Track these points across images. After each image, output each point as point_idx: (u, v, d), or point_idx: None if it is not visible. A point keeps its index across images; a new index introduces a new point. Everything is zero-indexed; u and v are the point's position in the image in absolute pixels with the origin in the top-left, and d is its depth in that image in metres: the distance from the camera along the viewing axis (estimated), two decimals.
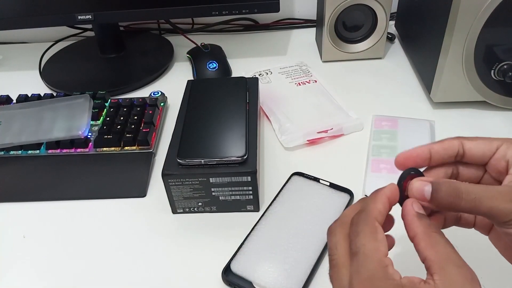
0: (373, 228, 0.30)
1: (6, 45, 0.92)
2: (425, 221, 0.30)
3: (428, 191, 0.30)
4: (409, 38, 0.76)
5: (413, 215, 0.31)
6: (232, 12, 0.71)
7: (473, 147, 0.32)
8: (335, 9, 0.71)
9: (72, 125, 0.61)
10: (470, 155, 0.32)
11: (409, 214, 0.31)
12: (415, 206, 0.31)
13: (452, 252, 0.28)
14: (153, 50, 0.83)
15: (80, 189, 0.56)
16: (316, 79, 0.71)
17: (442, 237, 0.29)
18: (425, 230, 0.29)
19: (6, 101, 0.68)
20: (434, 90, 0.63)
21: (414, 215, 0.30)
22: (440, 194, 0.30)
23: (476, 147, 0.32)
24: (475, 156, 0.32)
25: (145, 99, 0.65)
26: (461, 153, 0.33)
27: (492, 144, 0.32)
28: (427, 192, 0.30)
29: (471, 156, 0.33)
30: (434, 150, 0.33)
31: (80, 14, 0.72)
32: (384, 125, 0.61)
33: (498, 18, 0.54)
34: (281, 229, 0.47)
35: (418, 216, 0.30)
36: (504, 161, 0.31)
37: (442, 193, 0.30)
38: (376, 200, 0.31)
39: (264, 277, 0.43)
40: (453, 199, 0.29)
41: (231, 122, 0.53)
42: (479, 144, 0.32)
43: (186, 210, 0.52)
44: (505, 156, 0.31)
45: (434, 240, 0.29)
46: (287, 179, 0.54)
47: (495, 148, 0.32)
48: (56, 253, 0.49)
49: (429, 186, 0.30)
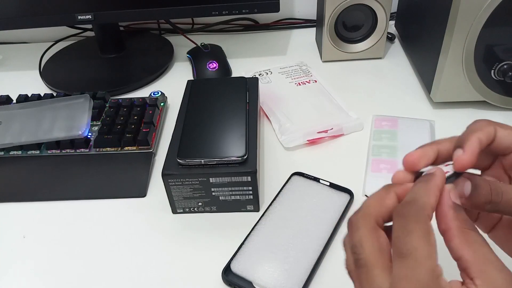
0: (426, 228, 0.26)
1: (6, 45, 0.92)
2: (462, 215, 0.28)
3: (468, 188, 0.28)
4: (409, 38, 0.76)
5: (449, 206, 0.28)
6: (232, 12, 0.71)
7: (504, 137, 0.30)
8: (335, 9, 0.71)
9: (72, 125, 0.61)
10: (498, 143, 0.30)
11: (445, 204, 0.28)
12: (453, 195, 0.28)
13: (491, 253, 0.26)
14: (153, 50, 0.83)
15: (80, 189, 0.56)
16: (316, 79, 0.71)
17: (478, 236, 0.27)
18: (460, 225, 0.27)
19: (6, 101, 0.68)
20: (434, 90, 0.63)
21: (450, 206, 0.28)
22: (481, 192, 0.27)
23: (507, 137, 0.30)
24: (502, 145, 0.30)
25: (145, 99, 0.65)
26: (491, 140, 0.30)
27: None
28: (466, 189, 0.28)
29: (499, 144, 0.30)
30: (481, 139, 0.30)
31: (80, 14, 0.72)
32: (384, 125, 0.61)
33: (498, 18, 0.54)
34: (281, 229, 0.47)
35: (455, 208, 0.28)
36: None
37: (483, 191, 0.27)
38: (429, 193, 0.28)
39: (264, 277, 0.43)
40: (494, 198, 0.27)
41: (231, 122, 0.53)
42: (509, 134, 0.30)
43: (186, 210, 0.52)
44: None
45: (471, 238, 0.26)
46: (287, 179, 0.54)
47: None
48: (56, 253, 0.49)
49: (468, 184, 0.28)
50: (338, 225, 0.48)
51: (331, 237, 0.47)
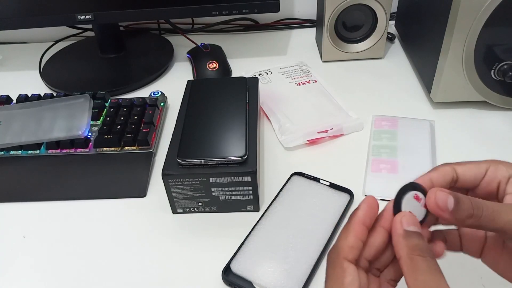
0: (340, 271, 0.29)
1: (6, 45, 0.92)
2: (412, 241, 0.29)
3: (451, 202, 0.29)
4: (409, 38, 0.76)
5: (399, 234, 0.29)
6: (232, 12, 0.71)
7: (465, 172, 0.32)
8: (335, 9, 0.71)
9: (72, 125, 0.61)
10: (464, 179, 0.32)
11: (395, 234, 0.29)
12: (405, 222, 0.29)
13: (433, 280, 0.26)
14: (153, 50, 0.83)
15: (80, 189, 0.56)
16: (316, 79, 0.71)
17: (425, 262, 0.27)
18: (408, 252, 0.28)
19: (6, 101, 0.68)
20: (434, 90, 0.63)
21: (400, 234, 0.29)
22: (463, 206, 0.29)
23: (468, 172, 0.32)
24: (468, 180, 0.32)
25: (145, 99, 0.65)
26: (455, 179, 0.32)
27: (481, 167, 0.32)
28: (450, 203, 0.29)
29: (464, 180, 0.32)
30: (434, 178, 0.32)
31: (80, 14, 0.72)
32: (384, 125, 0.61)
33: (498, 18, 0.54)
34: (281, 229, 0.47)
35: (404, 236, 0.29)
36: (495, 183, 0.32)
37: (465, 205, 0.29)
38: (347, 234, 0.30)
39: (264, 277, 0.43)
40: (475, 212, 0.28)
41: (231, 122, 0.53)
42: (469, 168, 0.32)
43: (186, 210, 0.52)
44: (495, 178, 0.32)
45: (417, 265, 0.27)
46: (287, 179, 0.54)
47: (484, 170, 0.32)
48: (56, 253, 0.49)
49: (451, 198, 0.29)
50: (338, 225, 0.48)
51: (331, 237, 0.47)
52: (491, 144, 0.58)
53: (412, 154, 0.56)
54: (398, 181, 0.51)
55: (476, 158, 0.58)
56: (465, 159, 0.58)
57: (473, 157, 0.56)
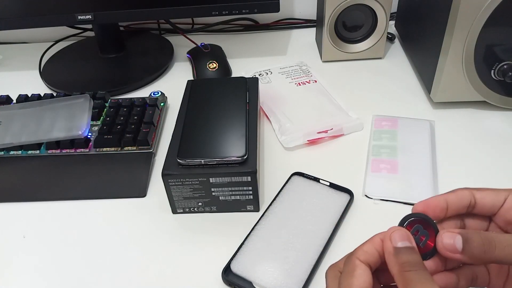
0: (352, 265, 0.29)
1: (6, 45, 0.92)
2: (402, 258, 0.28)
3: (459, 242, 0.28)
4: (409, 38, 0.76)
5: (389, 253, 0.29)
6: (232, 12, 0.71)
7: (483, 198, 0.31)
8: (335, 9, 0.71)
9: (72, 125, 0.61)
10: (481, 205, 0.31)
11: (386, 252, 0.29)
12: (394, 239, 0.29)
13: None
14: (153, 50, 0.83)
15: (80, 189, 0.56)
16: (316, 79, 0.71)
17: (416, 274, 0.27)
18: (399, 269, 0.28)
19: (6, 101, 0.68)
20: (434, 90, 0.63)
21: (390, 253, 0.29)
22: (473, 244, 0.28)
23: (486, 197, 0.31)
24: (486, 207, 0.31)
25: (145, 99, 0.65)
26: (473, 204, 0.31)
27: (500, 195, 0.31)
28: (458, 243, 0.28)
29: (482, 206, 0.31)
30: (450, 200, 0.31)
31: (80, 14, 0.72)
32: (384, 125, 0.61)
33: (498, 18, 0.54)
34: (281, 229, 0.47)
35: (394, 253, 0.29)
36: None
37: (474, 243, 0.28)
38: (365, 242, 0.31)
39: (264, 277, 0.43)
40: (487, 248, 0.28)
41: (231, 122, 0.53)
42: (488, 194, 0.31)
43: (186, 210, 0.52)
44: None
45: (407, 280, 0.27)
46: (287, 179, 0.54)
47: (503, 198, 0.31)
48: (56, 253, 0.49)
49: (459, 237, 0.28)
50: (338, 225, 0.48)
51: (331, 237, 0.47)
52: (491, 144, 0.58)
53: (412, 154, 0.56)
54: (398, 181, 0.52)
55: (476, 158, 0.58)
56: (465, 159, 0.58)
57: (473, 157, 0.57)
